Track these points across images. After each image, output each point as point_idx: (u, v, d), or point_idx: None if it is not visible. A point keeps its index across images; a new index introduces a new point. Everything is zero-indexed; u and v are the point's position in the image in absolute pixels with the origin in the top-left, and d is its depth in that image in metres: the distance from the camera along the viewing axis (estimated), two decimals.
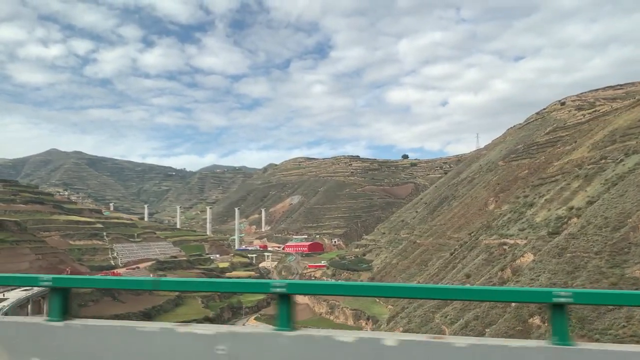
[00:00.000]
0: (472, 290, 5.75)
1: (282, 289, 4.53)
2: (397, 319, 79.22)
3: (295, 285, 4.74)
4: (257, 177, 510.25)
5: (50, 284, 5.02)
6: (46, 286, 5.05)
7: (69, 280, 5.19)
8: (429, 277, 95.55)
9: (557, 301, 4.08)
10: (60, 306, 4.97)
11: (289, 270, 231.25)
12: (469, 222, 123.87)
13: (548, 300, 4.13)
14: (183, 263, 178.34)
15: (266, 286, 4.67)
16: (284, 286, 4.54)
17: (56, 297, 5.05)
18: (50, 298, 5.17)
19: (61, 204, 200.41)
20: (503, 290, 5.06)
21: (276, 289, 4.53)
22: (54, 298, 5.03)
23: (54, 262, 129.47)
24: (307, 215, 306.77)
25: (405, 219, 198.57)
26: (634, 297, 4.32)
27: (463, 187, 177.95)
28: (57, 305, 4.97)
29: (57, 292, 5.07)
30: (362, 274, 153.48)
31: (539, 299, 4.39)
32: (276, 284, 4.55)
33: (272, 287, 4.53)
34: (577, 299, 4.12)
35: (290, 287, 4.58)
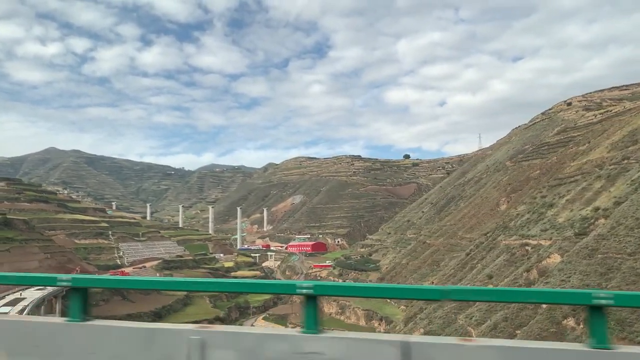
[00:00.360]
0: (508, 291, 5.66)
1: (308, 290, 4.48)
2: (417, 320, 78.59)
3: (322, 286, 4.65)
4: (257, 176, 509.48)
5: (70, 284, 4.94)
6: (65, 286, 4.98)
7: (88, 280, 5.17)
8: (444, 277, 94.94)
9: (596, 303, 3.97)
10: (80, 306, 4.89)
11: (293, 270, 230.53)
12: (481, 222, 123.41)
13: (587, 302, 4.02)
14: (189, 262, 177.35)
15: (292, 287, 4.59)
16: (310, 287, 4.49)
17: (76, 297, 4.94)
18: (69, 298, 5.07)
19: (65, 203, 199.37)
20: (540, 291, 4.94)
21: (303, 290, 4.48)
22: (74, 298, 4.92)
23: (62, 261, 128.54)
24: (309, 215, 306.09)
25: (411, 219, 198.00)
26: None
27: (470, 187, 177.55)
28: (77, 305, 4.87)
29: (77, 292, 4.97)
30: (370, 274, 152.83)
31: (578, 301, 4.33)
32: (303, 285, 4.50)
33: (298, 289, 4.47)
34: (619, 301, 4.04)
35: (317, 288, 4.52)
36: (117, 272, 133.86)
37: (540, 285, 58.41)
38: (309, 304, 4.54)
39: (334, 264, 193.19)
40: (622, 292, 4.19)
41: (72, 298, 4.93)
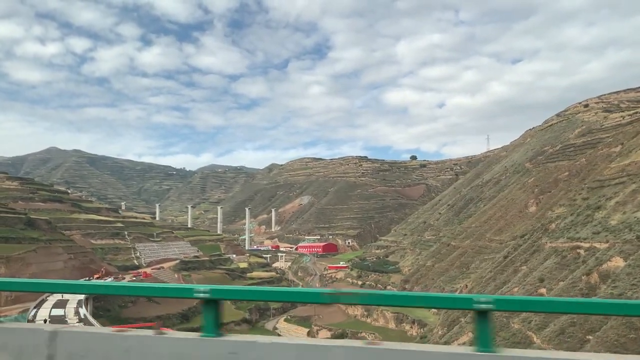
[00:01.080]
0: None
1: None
2: (462, 323, 77.20)
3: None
4: (261, 177, 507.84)
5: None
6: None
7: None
8: (482, 280, 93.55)
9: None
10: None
11: (305, 271, 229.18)
12: (510, 224, 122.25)
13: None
14: (206, 263, 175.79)
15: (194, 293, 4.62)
16: (207, 292, 4.48)
17: (210, 309, 4.69)
18: (204, 311, 4.76)
19: (78, 203, 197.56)
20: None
21: (200, 294, 4.50)
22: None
23: (85, 262, 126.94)
24: (318, 216, 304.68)
25: (427, 221, 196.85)
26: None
27: (489, 188, 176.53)
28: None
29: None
30: (391, 276, 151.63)
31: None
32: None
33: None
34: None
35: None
36: (140, 273, 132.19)
37: (605, 289, 57.23)
38: None
39: (350, 265, 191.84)
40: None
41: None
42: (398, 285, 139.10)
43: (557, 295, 64.10)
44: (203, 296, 4.46)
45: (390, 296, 4.72)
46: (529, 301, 4.79)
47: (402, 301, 5.73)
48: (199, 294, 4.57)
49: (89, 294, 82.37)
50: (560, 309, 4.69)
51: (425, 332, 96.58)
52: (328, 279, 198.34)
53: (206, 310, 4.57)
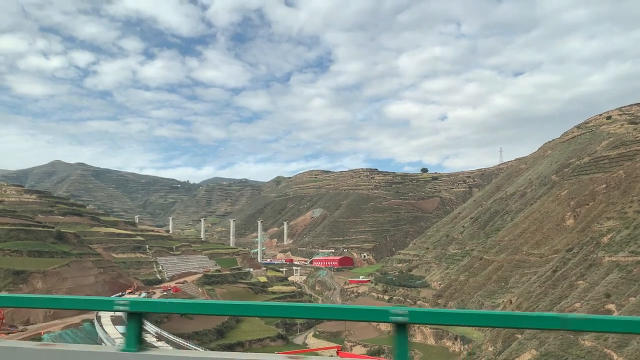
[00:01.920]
0: None
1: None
2: (521, 339, 74.85)
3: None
4: (269, 189, 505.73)
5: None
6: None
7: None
8: (530, 296, 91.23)
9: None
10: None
11: (324, 285, 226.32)
12: (547, 237, 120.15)
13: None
14: (228, 277, 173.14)
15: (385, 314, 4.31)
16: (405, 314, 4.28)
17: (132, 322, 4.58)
18: None
19: (97, 216, 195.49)
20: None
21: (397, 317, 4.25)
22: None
23: (113, 276, 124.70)
24: (331, 229, 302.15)
25: (449, 234, 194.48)
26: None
27: (515, 201, 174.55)
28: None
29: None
30: (420, 291, 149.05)
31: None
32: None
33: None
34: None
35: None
36: (169, 287, 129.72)
37: None
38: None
39: (372, 279, 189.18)
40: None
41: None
42: (430, 301, 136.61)
43: (632, 312, 61.99)
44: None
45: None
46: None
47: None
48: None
49: None
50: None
51: (472, 348, 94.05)
52: (349, 294, 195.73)
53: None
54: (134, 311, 4.35)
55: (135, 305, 4.35)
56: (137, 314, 4.36)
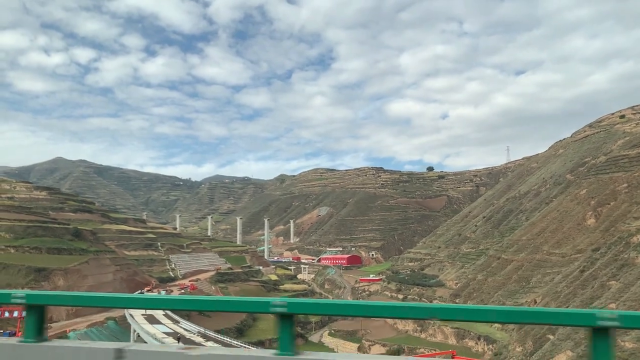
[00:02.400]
0: None
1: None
2: (554, 340, 73.84)
3: None
4: (274, 187, 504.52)
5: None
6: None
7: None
8: (560, 295, 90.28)
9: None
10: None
11: (333, 284, 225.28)
12: (568, 237, 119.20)
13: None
14: (240, 275, 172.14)
15: None
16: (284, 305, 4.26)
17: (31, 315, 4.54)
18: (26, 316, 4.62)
19: (107, 213, 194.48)
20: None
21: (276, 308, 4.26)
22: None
23: (130, 274, 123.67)
24: (339, 227, 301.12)
25: (461, 233, 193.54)
26: None
27: (529, 200, 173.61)
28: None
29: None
30: (436, 290, 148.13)
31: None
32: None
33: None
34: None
35: None
36: (186, 285, 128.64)
37: None
38: None
39: (384, 278, 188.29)
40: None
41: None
42: (447, 300, 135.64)
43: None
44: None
45: None
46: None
47: None
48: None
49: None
50: None
51: (497, 348, 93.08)
52: (360, 292, 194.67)
53: None
54: (290, 313, 4.14)
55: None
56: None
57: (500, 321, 4.11)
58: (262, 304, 4.33)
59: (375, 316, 4.69)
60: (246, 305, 4.56)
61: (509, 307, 4.05)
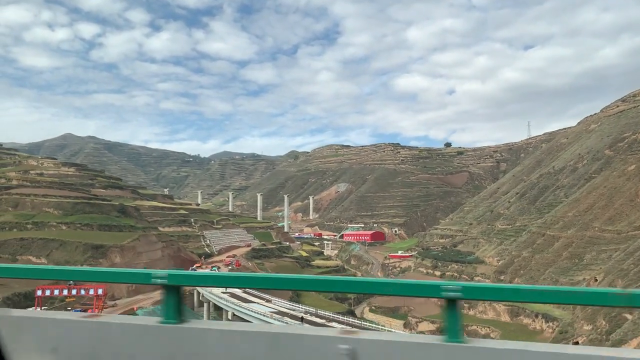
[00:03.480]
0: None
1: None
2: (636, 319, 72.20)
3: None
4: (287, 164, 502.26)
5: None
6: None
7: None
8: (629, 273, 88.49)
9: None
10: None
11: (360, 260, 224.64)
12: (621, 213, 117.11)
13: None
14: (274, 251, 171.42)
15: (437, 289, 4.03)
16: (164, 277, 4.27)
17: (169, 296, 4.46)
18: None
19: (137, 189, 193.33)
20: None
21: (157, 280, 4.28)
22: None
23: (174, 250, 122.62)
24: (359, 204, 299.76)
25: (494, 209, 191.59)
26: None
27: (565, 177, 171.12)
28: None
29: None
30: (477, 267, 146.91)
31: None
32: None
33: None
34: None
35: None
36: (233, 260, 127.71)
37: None
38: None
39: (415, 254, 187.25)
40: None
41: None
42: (491, 277, 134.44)
43: None
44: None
45: None
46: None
47: None
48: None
49: None
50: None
51: (560, 327, 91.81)
52: (391, 269, 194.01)
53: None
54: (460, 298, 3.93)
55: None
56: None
57: None
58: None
59: None
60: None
61: None
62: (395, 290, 4.24)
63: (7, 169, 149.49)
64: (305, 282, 4.88)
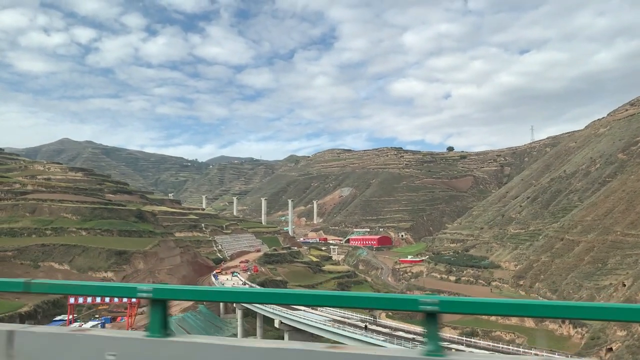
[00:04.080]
0: None
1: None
2: None
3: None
4: (287, 168, 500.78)
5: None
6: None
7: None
8: None
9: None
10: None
11: (368, 265, 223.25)
12: None
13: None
14: (286, 256, 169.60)
15: None
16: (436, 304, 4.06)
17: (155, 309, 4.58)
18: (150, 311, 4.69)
19: (145, 194, 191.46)
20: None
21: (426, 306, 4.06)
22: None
23: (192, 255, 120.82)
24: (364, 208, 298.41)
25: (504, 214, 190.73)
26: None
27: (578, 180, 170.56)
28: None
29: None
30: (493, 272, 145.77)
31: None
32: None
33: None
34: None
35: None
36: (251, 267, 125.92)
37: None
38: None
39: (427, 259, 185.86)
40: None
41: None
42: (510, 282, 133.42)
43: None
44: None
45: None
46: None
47: None
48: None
49: None
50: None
51: (591, 332, 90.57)
52: (402, 274, 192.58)
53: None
54: (438, 311, 4.01)
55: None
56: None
57: None
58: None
59: None
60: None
61: None
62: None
63: (14, 174, 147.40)
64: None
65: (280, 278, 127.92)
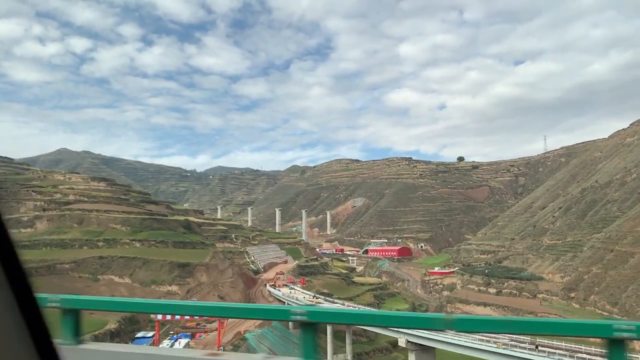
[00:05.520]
0: None
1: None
2: None
3: None
4: (292, 179, 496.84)
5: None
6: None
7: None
8: None
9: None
10: None
11: (392, 276, 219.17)
12: None
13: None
14: (319, 268, 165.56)
15: None
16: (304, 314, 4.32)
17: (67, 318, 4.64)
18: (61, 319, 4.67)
19: (170, 204, 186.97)
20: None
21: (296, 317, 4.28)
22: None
23: (239, 267, 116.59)
24: (379, 218, 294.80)
25: (536, 225, 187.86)
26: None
27: (615, 190, 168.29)
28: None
29: None
30: (538, 284, 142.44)
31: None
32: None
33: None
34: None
35: None
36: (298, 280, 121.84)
37: None
38: None
39: (458, 270, 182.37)
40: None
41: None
42: (559, 294, 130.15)
43: None
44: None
45: None
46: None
47: None
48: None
49: None
50: None
51: None
52: (433, 285, 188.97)
53: None
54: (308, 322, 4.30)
55: None
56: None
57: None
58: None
59: None
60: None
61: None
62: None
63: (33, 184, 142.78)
64: None
65: (326, 291, 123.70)
